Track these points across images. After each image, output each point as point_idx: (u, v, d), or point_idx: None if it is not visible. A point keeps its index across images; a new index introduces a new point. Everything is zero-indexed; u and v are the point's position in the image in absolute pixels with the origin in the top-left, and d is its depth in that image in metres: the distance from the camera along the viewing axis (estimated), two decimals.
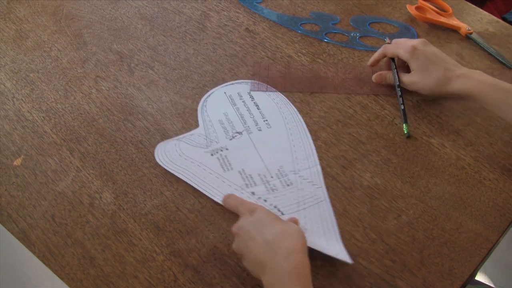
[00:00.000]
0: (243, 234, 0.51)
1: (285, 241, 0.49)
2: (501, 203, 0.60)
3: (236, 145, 0.66)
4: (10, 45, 0.81)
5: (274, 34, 0.80)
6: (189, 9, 0.85)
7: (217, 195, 0.61)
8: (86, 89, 0.74)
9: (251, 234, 0.50)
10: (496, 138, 0.66)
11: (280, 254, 0.47)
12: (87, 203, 0.62)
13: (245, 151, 0.65)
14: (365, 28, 0.80)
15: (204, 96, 0.71)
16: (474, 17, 0.81)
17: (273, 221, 0.51)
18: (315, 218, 0.58)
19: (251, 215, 0.53)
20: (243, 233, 0.51)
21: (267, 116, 0.69)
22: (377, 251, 0.57)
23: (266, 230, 0.50)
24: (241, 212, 0.55)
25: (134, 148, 0.67)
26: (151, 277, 0.56)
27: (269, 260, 0.48)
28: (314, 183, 0.62)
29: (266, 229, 0.50)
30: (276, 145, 0.66)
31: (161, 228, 0.60)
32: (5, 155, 0.67)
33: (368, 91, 0.72)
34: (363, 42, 0.78)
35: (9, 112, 0.72)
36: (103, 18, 0.84)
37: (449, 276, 0.54)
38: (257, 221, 0.51)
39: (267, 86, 0.72)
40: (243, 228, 0.52)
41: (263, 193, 0.61)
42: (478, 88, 0.61)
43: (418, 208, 0.60)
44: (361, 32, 0.79)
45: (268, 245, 0.48)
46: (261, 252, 0.48)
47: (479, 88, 0.61)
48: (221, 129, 0.68)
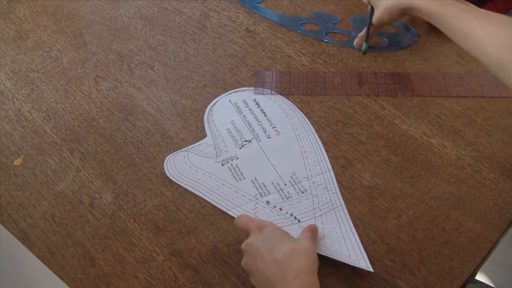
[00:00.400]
0: (252, 251, 0.51)
1: (294, 260, 0.48)
2: (501, 203, 0.60)
3: (246, 154, 0.65)
4: (10, 45, 0.81)
5: (274, 34, 0.80)
6: (189, 9, 0.85)
7: (231, 208, 0.61)
8: (86, 89, 0.74)
9: (260, 252, 0.50)
10: (496, 138, 0.66)
11: (289, 274, 0.47)
12: (87, 203, 0.62)
13: (256, 160, 0.65)
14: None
15: (209, 106, 0.71)
16: None
17: (283, 239, 0.50)
18: (332, 224, 0.58)
19: (260, 232, 0.52)
20: (252, 251, 0.51)
21: (275, 123, 0.68)
22: (377, 251, 0.57)
23: (276, 248, 0.49)
24: (251, 229, 0.53)
25: (134, 148, 0.67)
26: (151, 277, 0.56)
27: (279, 281, 0.47)
28: (329, 189, 0.62)
29: (275, 247, 0.49)
30: (287, 152, 0.65)
31: (161, 228, 0.60)
32: (5, 155, 0.67)
33: (368, 91, 0.72)
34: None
35: (9, 112, 0.72)
36: (103, 18, 0.84)
37: (449, 276, 0.54)
38: (266, 239, 0.51)
39: (271, 91, 0.72)
40: (252, 245, 0.51)
41: (278, 202, 0.61)
42: (425, 5, 0.62)
43: (418, 208, 0.60)
44: (361, 31, 0.79)
45: (277, 264, 0.48)
46: (270, 272, 0.48)
47: (427, 6, 0.62)
48: (230, 138, 0.67)
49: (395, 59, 0.75)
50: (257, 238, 0.51)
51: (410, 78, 0.73)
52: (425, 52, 0.76)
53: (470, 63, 0.74)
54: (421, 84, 0.72)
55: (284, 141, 0.66)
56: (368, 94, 0.71)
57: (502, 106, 0.69)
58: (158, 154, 0.66)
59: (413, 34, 0.79)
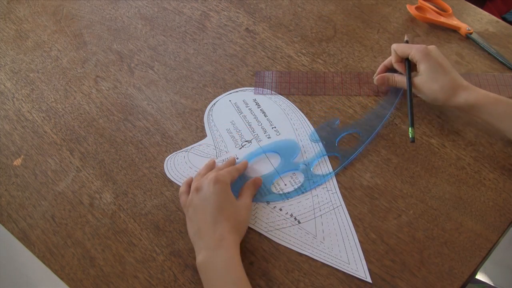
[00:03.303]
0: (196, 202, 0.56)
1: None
2: (501, 203, 0.60)
3: (246, 154, 0.65)
4: (10, 45, 0.81)
5: (274, 34, 0.80)
6: (189, 9, 0.85)
7: None
8: (86, 89, 0.74)
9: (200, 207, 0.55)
10: (496, 138, 0.66)
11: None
12: (87, 203, 0.62)
13: (256, 160, 0.65)
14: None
15: (209, 106, 0.71)
16: (474, 17, 0.81)
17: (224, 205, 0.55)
18: (332, 225, 0.58)
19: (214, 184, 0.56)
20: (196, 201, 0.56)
21: (275, 123, 0.68)
22: (377, 251, 0.57)
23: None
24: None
25: (134, 148, 0.67)
26: (151, 277, 0.56)
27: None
28: (328, 189, 0.62)
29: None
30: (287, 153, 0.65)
31: (161, 228, 0.60)
32: (5, 155, 0.67)
33: (368, 91, 0.72)
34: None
35: (9, 112, 0.72)
36: (103, 18, 0.84)
37: (449, 276, 0.55)
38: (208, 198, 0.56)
39: (271, 91, 0.72)
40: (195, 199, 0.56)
41: (277, 202, 0.61)
42: (483, 100, 0.61)
43: (418, 208, 0.60)
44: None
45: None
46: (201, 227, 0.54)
47: (484, 100, 0.61)
48: (230, 138, 0.67)
49: None
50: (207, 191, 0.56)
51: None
52: None
53: (470, 63, 0.75)
54: None
55: (284, 141, 0.66)
56: (368, 94, 0.71)
57: None
58: (158, 154, 0.66)
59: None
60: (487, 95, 0.61)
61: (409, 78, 0.65)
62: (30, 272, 0.75)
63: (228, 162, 0.63)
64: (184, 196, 0.59)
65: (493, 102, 0.61)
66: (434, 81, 0.63)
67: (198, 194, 0.56)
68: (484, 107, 0.61)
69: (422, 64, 0.63)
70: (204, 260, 0.51)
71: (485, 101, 0.61)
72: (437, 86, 0.63)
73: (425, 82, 0.63)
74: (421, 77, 0.64)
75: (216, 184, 0.55)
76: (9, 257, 0.74)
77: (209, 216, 0.54)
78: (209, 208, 0.54)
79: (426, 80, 0.63)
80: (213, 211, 0.54)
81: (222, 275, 0.50)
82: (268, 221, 0.59)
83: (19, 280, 0.78)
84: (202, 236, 0.53)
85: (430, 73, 0.63)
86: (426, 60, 0.63)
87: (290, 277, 0.55)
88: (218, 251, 0.51)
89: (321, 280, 0.55)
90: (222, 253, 0.51)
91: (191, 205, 0.56)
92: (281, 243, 0.57)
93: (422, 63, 0.63)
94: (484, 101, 0.61)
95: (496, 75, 0.73)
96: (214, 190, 0.55)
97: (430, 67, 0.63)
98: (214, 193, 0.55)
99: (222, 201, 0.55)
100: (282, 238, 0.58)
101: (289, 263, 0.56)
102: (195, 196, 0.56)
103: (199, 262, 0.52)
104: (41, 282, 0.69)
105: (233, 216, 0.54)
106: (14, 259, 0.74)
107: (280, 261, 0.56)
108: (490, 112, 0.61)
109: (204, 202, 0.55)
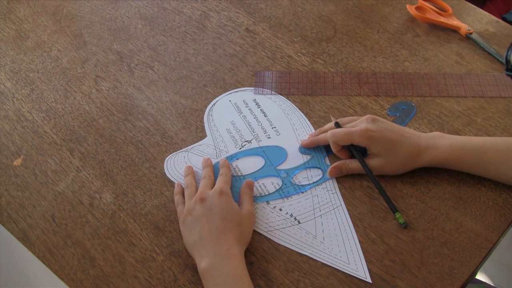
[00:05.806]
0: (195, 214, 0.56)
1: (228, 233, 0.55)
2: (501, 203, 0.60)
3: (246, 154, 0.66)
4: (10, 45, 0.81)
5: (274, 34, 0.80)
6: (189, 9, 0.85)
7: None
8: (86, 89, 0.74)
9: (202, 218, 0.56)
10: None
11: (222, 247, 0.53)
12: (87, 203, 0.62)
13: (256, 160, 0.65)
14: None
15: (209, 106, 0.71)
16: (474, 17, 0.81)
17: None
18: (332, 225, 0.58)
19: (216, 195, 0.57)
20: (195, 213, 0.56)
21: (275, 123, 0.68)
22: (377, 251, 0.57)
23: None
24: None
25: (134, 148, 0.67)
26: (151, 277, 0.56)
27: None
28: (328, 189, 0.62)
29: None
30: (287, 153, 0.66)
31: (161, 228, 0.60)
32: (5, 155, 0.67)
33: (368, 91, 0.72)
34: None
35: (9, 112, 0.72)
36: (103, 18, 0.84)
37: (449, 276, 0.54)
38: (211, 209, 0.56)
39: (271, 91, 0.72)
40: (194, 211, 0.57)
41: (278, 202, 0.61)
42: (448, 156, 0.59)
43: (418, 208, 0.60)
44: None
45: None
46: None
47: (449, 156, 0.59)
48: (230, 138, 0.67)
49: (395, 59, 0.75)
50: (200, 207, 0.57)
51: (410, 78, 0.73)
52: (425, 52, 0.76)
53: (470, 63, 0.75)
54: (421, 84, 0.72)
55: (284, 141, 0.66)
56: (368, 94, 0.71)
57: (502, 106, 0.69)
58: (158, 154, 0.66)
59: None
60: (450, 148, 0.59)
61: (366, 165, 0.60)
62: (30, 272, 0.75)
63: (224, 167, 0.63)
64: (181, 206, 0.59)
65: (459, 155, 0.59)
66: (392, 159, 0.60)
67: (202, 204, 0.56)
68: (451, 161, 0.60)
69: (372, 147, 0.59)
70: (209, 267, 0.51)
71: (451, 156, 0.59)
72: (398, 161, 0.60)
73: (385, 164, 0.60)
74: (378, 159, 0.60)
75: (221, 196, 0.56)
76: (9, 257, 0.74)
77: (214, 226, 0.54)
78: (215, 219, 0.55)
79: (385, 161, 0.60)
80: (218, 222, 0.54)
81: (230, 284, 0.50)
82: (268, 221, 0.59)
83: (19, 280, 0.78)
84: (205, 245, 0.53)
85: (385, 154, 0.59)
86: (375, 143, 0.59)
87: (290, 277, 0.55)
88: (225, 260, 0.51)
89: (321, 280, 0.55)
90: (229, 262, 0.51)
91: (192, 214, 0.56)
92: (281, 243, 0.58)
93: (372, 147, 0.59)
94: (450, 157, 0.59)
95: (496, 75, 0.73)
96: (220, 202, 0.56)
97: (381, 148, 0.59)
98: (219, 205, 0.56)
99: (228, 213, 0.55)
100: (282, 238, 0.58)
101: (289, 263, 0.56)
102: (198, 206, 0.56)
103: (203, 269, 0.52)
104: (41, 282, 0.69)
105: (238, 227, 0.55)
106: (14, 259, 0.74)
107: (280, 261, 0.56)
108: (458, 165, 0.60)
109: (209, 213, 0.55)
